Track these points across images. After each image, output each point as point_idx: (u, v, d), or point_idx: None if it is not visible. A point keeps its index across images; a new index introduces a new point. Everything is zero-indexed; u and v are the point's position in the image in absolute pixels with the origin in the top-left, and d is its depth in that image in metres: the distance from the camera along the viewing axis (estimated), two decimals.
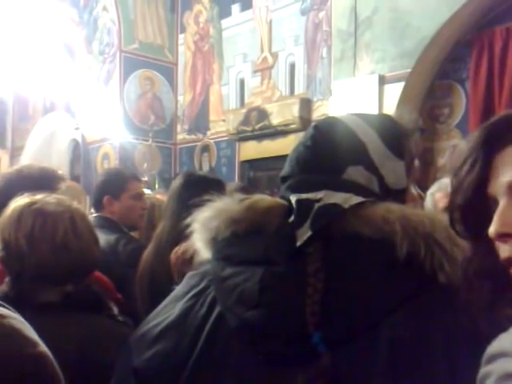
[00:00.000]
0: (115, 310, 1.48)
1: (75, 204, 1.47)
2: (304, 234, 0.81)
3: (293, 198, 0.86)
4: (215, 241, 0.90)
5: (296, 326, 0.78)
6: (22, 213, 1.37)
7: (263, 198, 0.90)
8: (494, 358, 0.61)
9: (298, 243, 0.80)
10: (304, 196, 0.85)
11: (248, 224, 0.86)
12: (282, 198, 0.90)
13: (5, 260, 1.38)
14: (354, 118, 0.94)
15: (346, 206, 0.82)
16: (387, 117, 0.98)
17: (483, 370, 0.62)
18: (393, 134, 0.92)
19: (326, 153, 0.90)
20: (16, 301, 1.26)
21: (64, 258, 1.34)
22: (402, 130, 0.94)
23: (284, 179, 0.93)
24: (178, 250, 1.76)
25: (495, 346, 0.62)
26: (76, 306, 1.35)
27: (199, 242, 0.93)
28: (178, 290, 0.96)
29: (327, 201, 0.83)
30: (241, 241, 0.87)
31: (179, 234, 1.52)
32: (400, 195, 0.90)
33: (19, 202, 1.41)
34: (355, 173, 0.88)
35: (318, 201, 0.83)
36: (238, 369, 0.83)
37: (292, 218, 0.84)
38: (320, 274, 0.78)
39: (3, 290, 1.36)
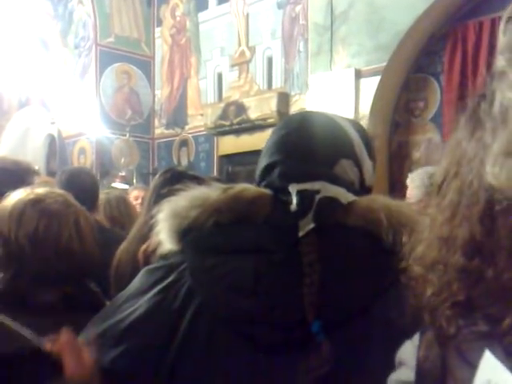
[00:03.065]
0: None
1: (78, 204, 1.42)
2: (307, 225, 0.83)
3: (292, 188, 0.86)
4: (189, 231, 0.87)
5: (296, 315, 0.80)
6: (24, 210, 1.30)
7: (248, 188, 0.89)
8: (397, 365, 0.64)
9: (301, 233, 0.82)
10: (303, 187, 0.86)
11: (233, 214, 0.86)
12: (270, 184, 0.90)
13: (2, 258, 1.32)
14: (337, 115, 0.99)
15: (345, 201, 0.85)
16: (357, 121, 1.05)
17: (390, 377, 0.65)
18: (365, 135, 0.98)
19: (321, 144, 0.91)
20: (12, 300, 1.24)
21: (66, 261, 1.30)
22: (369, 134, 1.01)
23: (271, 167, 0.92)
24: (147, 247, 1.74)
25: (398, 353, 0.64)
26: (75, 307, 1.31)
27: (165, 233, 0.90)
28: (140, 284, 0.93)
29: (326, 193, 0.85)
30: (224, 231, 0.86)
31: (150, 229, 1.51)
32: (370, 192, 0.96)
33: (20, 196, 1.34)
34: (346, 166, 0.91)
35: (317, 192, 0.85)
36: (227, 361, 0.83)
37: (285, 207, 0.85)
38: (316, 265, 0.81)
39: None
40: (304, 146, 0.91)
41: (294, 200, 0.85)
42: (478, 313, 0.52)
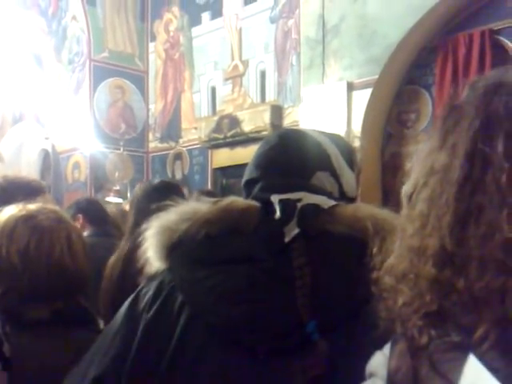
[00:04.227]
0: (101, 325, 1.46)
1: (73, 220, 1.42)
2: (291, 230, 0.85)
3: (274, 198, 0.89)
4: (178, 244, 0.89)
5: (289, 317, 0.81)
6: (15, 226, 1.30)
7: (237, 200, 0.91)
8: (368, 376, 0.64)
9: (287, 239, 0.85)
10: (284, 196, 0.89)
11: (223, 225, 0.88)
12: (254, 198, 0.93)
13: None
14: (315, 131, 1.03)
15: (326, 206, 0.88)
16: (339, 135, 1.08)
17: None
18: (346, 148, 1.02)
19: (297, 158, 0.96)
20: (3, 316, 1.24)
21: (58, 277, 1.30)
22: (351, 147, 1.05)
23: (252, 182, 0.96)
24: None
25: (369, 364, 0.64)
26: (65, 323, 1.31)
27: (152, 249, 0.91)
28: (130, 311, 0.92)
29: (307, 201, 0.89)
30: (214, 242, 0.87)
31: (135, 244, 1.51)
32: (352, 203, 0.98)
33: (12, 211, 1.34)
34: (323, 178, 0.95)
35: (299, 201, 0.88)
36: (223, 366, 0.84)
37: (271, 217, 0.87)
38: (306, 268, 0.82)
39: None
40: (281, 161, 0.96)
41: (278, 208, 0.88)
42: (450, 323, 0.52)
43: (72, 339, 1.28)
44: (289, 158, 0.96)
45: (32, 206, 1.37)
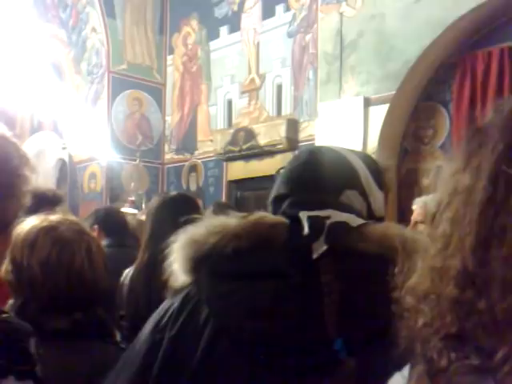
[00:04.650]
0: (118, 336, 1.47)
1: (90, 231, 1.43)
2: (319, 247, 0.85)
3: (303, 215, 0.89)
4: (207, 258, 0.88)
5: (317, 334, 0.80)
6: (37, 237, 1.31)
7: (266, 215, 0.91)
8: None
9: (315, 256, 0.84)
10: (313, 213, 0.89)
11: (252, 239, 0.87)
12: (283, 214, 0.93)
13: (14, 284, 1.32)
14: (345, 149, 1.03)
15: (354, 224, 0.88)
16: (367, 154, 1.11)
17: None
18: (375, 167, 1.02)
19: (327, 175, 0.96)
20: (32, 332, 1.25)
21: (78, 289, 1.31)
22: (380, 166, 1.05)
23: (281, 198, 0.97)
24: None
25: None
26: (83, 334, 1.31)
27: (179, 262, 0.91)
28: (154, 326, 0.92)
29: (336, 219, 0.88)
30: (241, 257, 0.87)
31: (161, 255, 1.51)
32: (380, 222, 0.97)
33: (34, 223, 1.35)
34: (351, 196, 0.96)
35: (327, 218, 0.88)
36: None
37: (299, 233, 0.87)
38: (335, 285, 0.82)
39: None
40: (310, 178, 0.96)
41: (306, 225, 0.87)
42: (470, 346, 0.51)
43: (91, 352, 1.28)
44: (318, 175, 0.96)
45: (53, 217, 1.38)
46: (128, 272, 2.15)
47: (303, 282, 0.83)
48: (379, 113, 4.93)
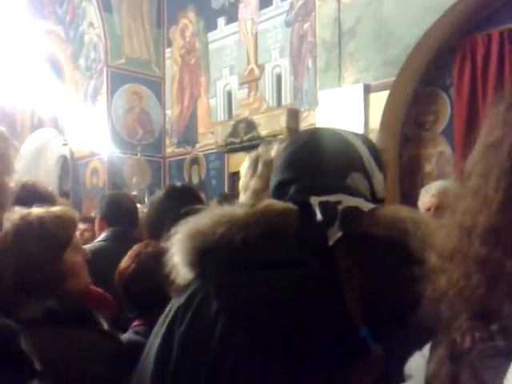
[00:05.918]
0: (105, 325, 1.44)
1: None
2: (334, 233, 0.83)
3: (314, 200, 0.86)
4: (214, 249, 0.84)
5: (341, 322, 0.78)
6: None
7: (274, 202, 0.88)
8: (406, 377, 0.61)
9: (331, 242, 0.82)
10: (323, 198, 0.87)
11: (262, 228, 0.84)
12: (290, 200, 0.89)
13: None
14: (345, 131, 1.00)
15: (365, 209, 0.86)
16: (366, 135, 1.07)
17: None
18: (375, 149, 1.00)
19: (332, 158, 0.94)
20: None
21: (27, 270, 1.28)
22: (378, 147, 1.03)
23: (286, 183, 0.93)
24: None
25: (408, 365, 0.61)
26: (59, 321, 1.29)
27: (180, 255, 0.87)
28: (165, 328, 0.89)
29: (347, 204, 0.86)
30: (252, 246, 0.83)
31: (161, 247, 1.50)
32: (382, 203, 0.96)
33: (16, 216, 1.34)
34: (357, 179, 0.93)
35: (338, 203, 0.86)
36: (267, 380, 0.80)
37: (312, 220, 0.84)
38: (354, 271, 0.79)
39: None
40: (314, 162, 0.93)
41: (318, 211, 0.85)
42: (495, 325, 0.49)
43: (67, 339, 1.27)
44: (323, 158, 0.93)
45: (36, 211, 1.36)
46: None
47: (320, 269, 0.80)
48: (379, 99, 4.90)
